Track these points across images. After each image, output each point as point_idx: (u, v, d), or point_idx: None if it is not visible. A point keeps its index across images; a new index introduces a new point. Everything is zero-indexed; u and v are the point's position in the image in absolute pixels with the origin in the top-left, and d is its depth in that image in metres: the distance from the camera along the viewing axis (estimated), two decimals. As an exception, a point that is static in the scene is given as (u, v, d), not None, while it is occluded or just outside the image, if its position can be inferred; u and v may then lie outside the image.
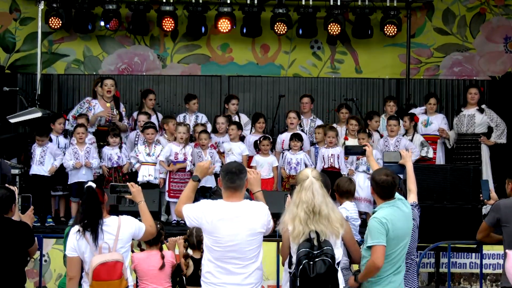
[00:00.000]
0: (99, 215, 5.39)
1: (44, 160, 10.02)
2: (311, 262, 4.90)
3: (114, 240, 5.38)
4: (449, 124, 11.17)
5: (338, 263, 5.08)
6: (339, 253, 5.09)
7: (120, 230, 5.43)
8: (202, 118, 11.15)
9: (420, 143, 10.54)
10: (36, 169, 10.01)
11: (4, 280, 5.83)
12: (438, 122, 10.90)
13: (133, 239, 5.69)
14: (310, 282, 4.90)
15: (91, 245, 5.34)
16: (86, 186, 5.49)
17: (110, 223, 5.43)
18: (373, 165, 6.10)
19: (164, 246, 6.70)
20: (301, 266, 4.91)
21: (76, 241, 5.37)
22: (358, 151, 6.27)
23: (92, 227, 5.34)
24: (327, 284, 4.93)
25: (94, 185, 5.48)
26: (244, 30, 11.79)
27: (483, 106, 10.80)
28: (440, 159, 10.88)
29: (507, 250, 5.98)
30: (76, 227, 5.42)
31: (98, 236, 5.33)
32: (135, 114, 11.19)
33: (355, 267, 6.04)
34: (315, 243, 4.97)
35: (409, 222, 5.59)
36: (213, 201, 5.21)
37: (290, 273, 5.13)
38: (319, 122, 11.25)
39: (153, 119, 10.97)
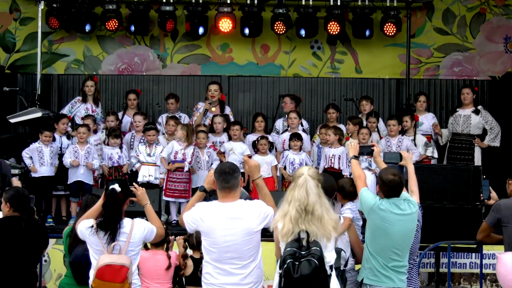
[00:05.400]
0: (118, 219, 5.43)
1: (53, 161, 10.02)
2: (297, 262, 4.72)
3: (125, 242, 5.42)
4: (441, 124, 11.18)
5: (331, 267, 4.89)
6: (331, 257, 4.89)
7: (132, 233, 5.47)
8: (185, 118, 11.13)
9: (424, 143, 10.56)
10: (46, 170, 9.97)
11: (19, 278, 5.89)
12: (428, 121, 10.92)
13: None
14: (294, 283, 4.72)
15: (102, 244, 5.36)
16: (110, 188, 5.50)
17: (125, 225, 5.48)
18: (381, 165, 6.06)
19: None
20: (285, 266, 4.74)
21: (87, 235, 5.42)
22: (365, 151, 6.25)
23: (111, 230, 5.38)
24: (313, 286, 4.72)
25: (118, 188, 5.49)
26: (244, 30, 11.80)
27: (479, 107, 10.79)
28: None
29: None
30: (90, 222, 5.44)
31: (114, 239, 5.38)
32: (119, 114, 11.17)
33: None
34: (304, 243, 4.78)
35: (409, 222, 5.60)
36: (208, 203, 5.20)
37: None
38: (305, 123, 11.22)
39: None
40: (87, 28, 11.69)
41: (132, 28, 11.72)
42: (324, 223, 4.83)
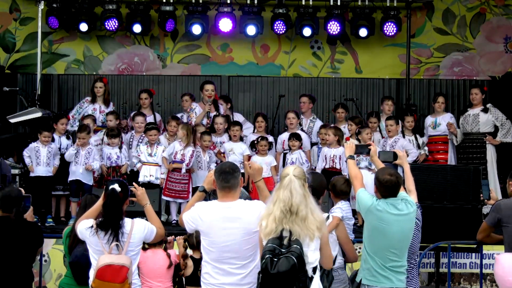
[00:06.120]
0: (119, 219, 5.44)
1: (50, 161, 10.01)
2: (275, 259, 4.65)
3: (125, 242, 5.43)
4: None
5: (314, 269, 4.81)
6: (313, 257, 4.81)
7: (132, 233, 5.48)
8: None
9: (421, 142, 10.59)
10: (42, 170, 9.97)
11: (14, 278, 5.89)
12: (446, 122, 10.88)
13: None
14: (271, 279, 4.65)
15: (102, 244, 5.37)
16: (110, 188, 5.50)
17: (125, 225, 5.49)
18: (377, 164, 6.05)
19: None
20: (263, 261, 4.69)
21: (87, 235, 5.43)
22: (363, 151, 6.26)
23: (112, 230, 5.40)
24: (290, 284, 4.66)
25: (118, 188, 5.49)
26: (244, 30, 11.80)
27: (489, 105, 10.81)
28: (451, 159, 10.88)
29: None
30: (90, 222, 5.45)
31: (118, 239, 5.40)
32: (132, 115, 11.19)
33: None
34: (285, 242, 4.72)
35: (407, 222, 5.59)
36: (208, 202, 5.19)
37: None
38: (319, 122, 11.23)
39: (151, 119, 10.96)
40: (83, 28, 11.69)
41: (133, 28, 11.71)
42: (308, 223, 4.78)
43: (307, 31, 11.66)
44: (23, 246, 5.93)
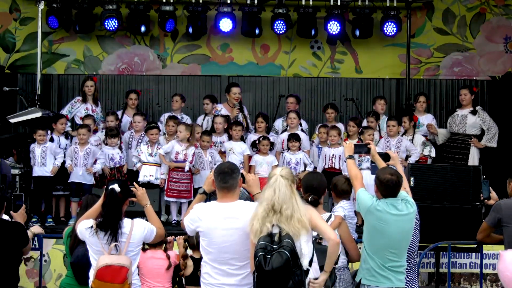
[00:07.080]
0: (118, 219, 5.43)
1: (45, 161, 9.99)
2: (268, 256, 4.69)
3: (125, 242, 5.43)
4: (441, 124, 11.17)
5: (310, 261, 4.85)
6: (307, 249, 4.85)
7: (132, 233, 5.48)
8: (188, 120, 11.12)
9: (422, 142, 10.56)
10: (38, 170, 9.96)
11: None
12: (428, 122, 10.90)
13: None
14: (266, 276, 4.68)
15: (102, 244, 5.36)
16: (110, 188, 5.50)
17: (125, 225, 5.49)
18: (379, 163, 6.04)
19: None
20: (256, 259, 4.72)
21: (87, 236, 5.43)
22: (361, 150, 6.27)
23: (111, 230, 5.39)
24: (285, 279, 4.69)
25: (118, 189, 5.49)
26: (244, 30, 11.80)
27: (478, 107, 10.79)
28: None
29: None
30: (90, 222, 5.44)
31: (116, 239, 5.40)
32: (119, 113, 11.16)
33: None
34: (276, 238, 4.76)
35: (406, 222, 5.59)
36: (207, 203, 5.19)
37: None
38: (304, 123, 11.19)
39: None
40: (78, 28, 11.71)
41: (139, 29, 11.71)
42: (294, 222, 4.82)
43: (307, 31, 11.67)
44: (5, 246, 5.87)
